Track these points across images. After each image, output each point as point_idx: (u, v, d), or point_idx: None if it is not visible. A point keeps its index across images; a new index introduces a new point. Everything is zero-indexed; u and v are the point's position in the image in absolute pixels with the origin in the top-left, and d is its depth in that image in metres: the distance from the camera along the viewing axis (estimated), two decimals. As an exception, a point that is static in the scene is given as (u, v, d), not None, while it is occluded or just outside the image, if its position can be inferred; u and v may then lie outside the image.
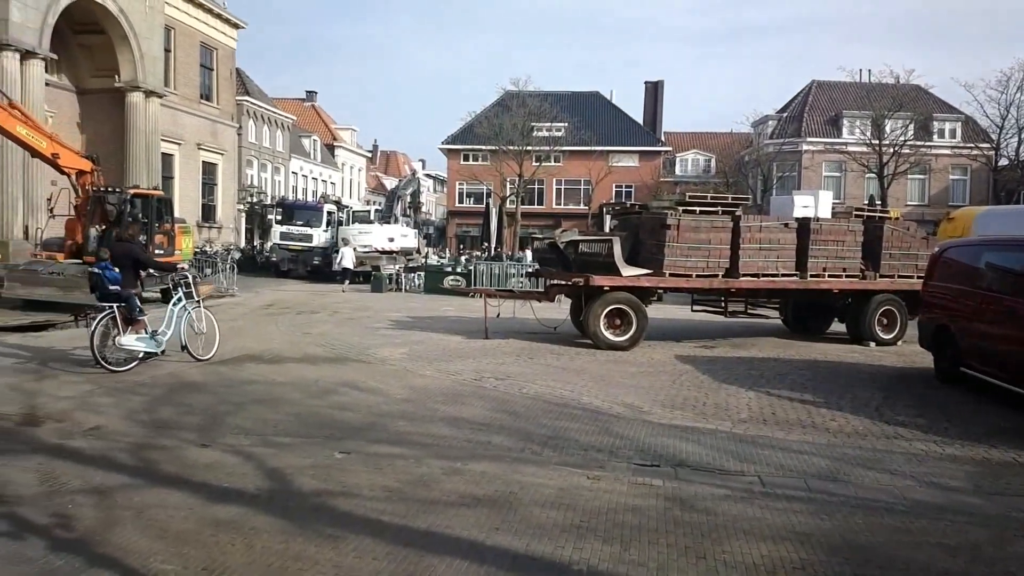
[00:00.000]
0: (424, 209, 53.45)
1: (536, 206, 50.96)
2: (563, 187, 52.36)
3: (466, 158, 52.93)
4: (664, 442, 6.75)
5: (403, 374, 9.83)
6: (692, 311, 15.57)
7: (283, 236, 31.14)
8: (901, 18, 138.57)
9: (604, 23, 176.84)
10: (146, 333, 9.58)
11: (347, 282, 25.68)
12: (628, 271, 12.42)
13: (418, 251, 34.67)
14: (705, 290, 13.73)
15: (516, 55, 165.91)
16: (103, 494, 4.96)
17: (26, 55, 20.10)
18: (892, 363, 11.77)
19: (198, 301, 10.44)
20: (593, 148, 46.34)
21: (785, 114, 47.41)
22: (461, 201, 55.09)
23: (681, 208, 12.63)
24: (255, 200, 42.29)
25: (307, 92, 64.17)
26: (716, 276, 12.63)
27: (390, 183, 70.84)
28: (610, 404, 8.23)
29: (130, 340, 9.26)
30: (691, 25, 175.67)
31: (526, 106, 41.67)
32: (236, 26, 33.80)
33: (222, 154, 33.62)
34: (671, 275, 12.43)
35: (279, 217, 32.33)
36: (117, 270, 9.60)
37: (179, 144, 29.85)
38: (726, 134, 52.51)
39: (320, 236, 31.10)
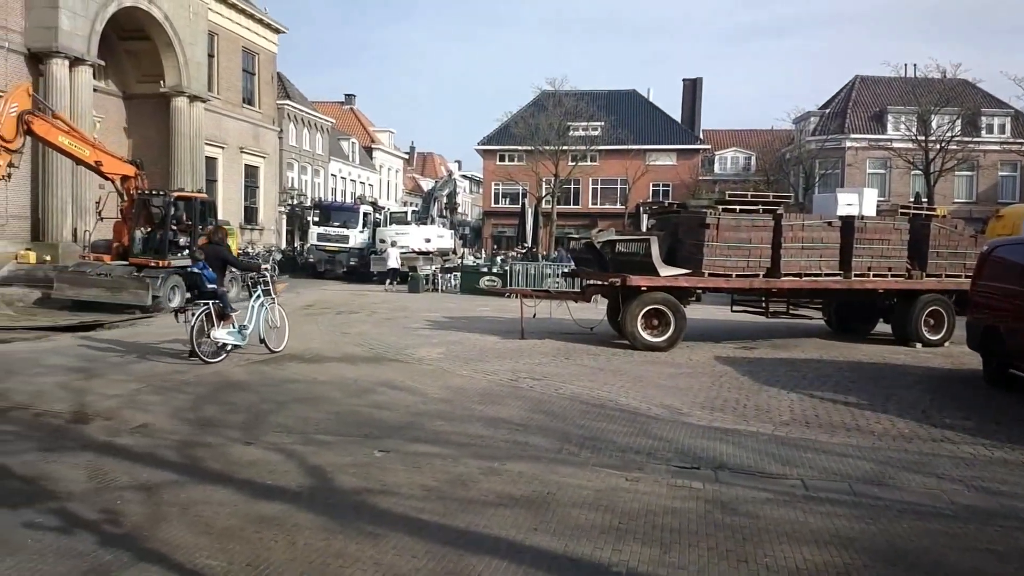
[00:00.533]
0: (460, 210, 53.64)
1: (572, 206, 50.81)
2: (599, 186, 52.11)
3: (502, 158, 53.00)
4: (704, 444, 6.68)
5: (440, 374, 9.89)
6: (732, 311, 15.39)
7: (320, 237, 31.41)
8: (948, 10, 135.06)
9: (641, 21, 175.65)
10: (234, 327, 10.46)
11: (389, 282, 26.00)
12: (666, 271, 12.32)
13: (454, 252, 34.79)
14: (745, 290, 13.55)
15: (553, 55, 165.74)
16: (150, 490, 5.09)
17: (75, 62, 20.71)
18: (939, 365, 11.48)
19: (274, 298, 11.23)
20: (630, 147, 46.00)
21: (828, 110, 46.49)
22: (497, 201, 55.19)
23: (721, 207, 12.48)
24: (295, 202, 42.91)
25: (346, 95, 64.93)
26: (757, 276, 12.45)
27: (427, 184, 71.29)
28: (648, 405, 8.17)
29: (221, 334, 10.15)
30: (731, 21, 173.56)
31: (562, 105, 41.48)
32: (277, 31, 34.35)
33: (264, 157, 34.19)
34: (710, 275, 12.29)
35: (316, 218, 32.61)
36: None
37: (222, 148, 30.45)
38: (766, 131, 51.66)
39: (356, 237, 31.35)
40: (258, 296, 10.95)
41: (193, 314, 10.11)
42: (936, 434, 7.14)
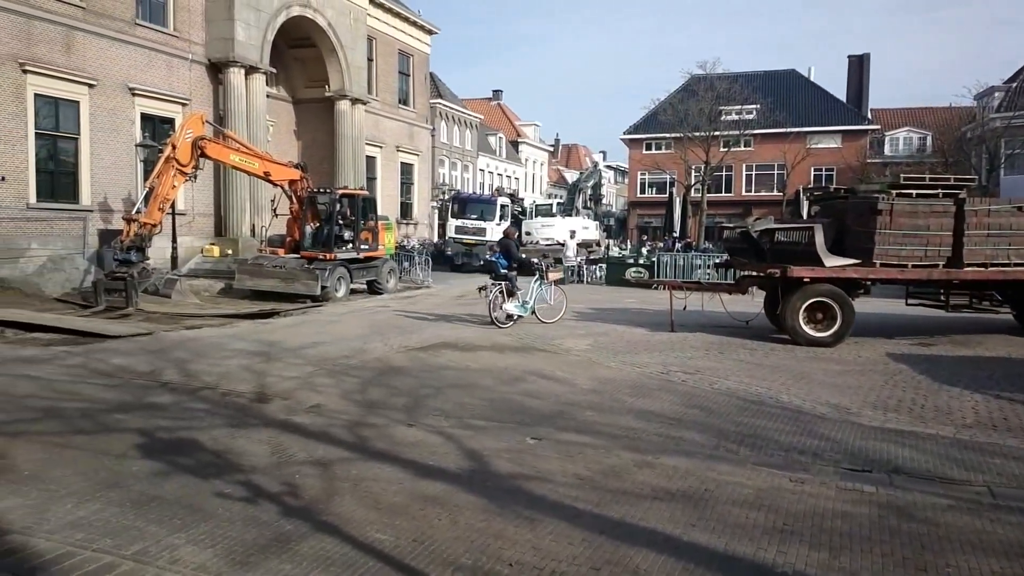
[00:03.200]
0: (605, 201, 53.27)
1: (724, 194, 49.08)
2: (754, 172, 49.94)
3: (648, 147, 52.08)
4: (876, 446, 6.24)
5: (588, 365, 9.89)
6: (906, 305, 14.20)
7: (457, 230, 30.86)
8: None
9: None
10: (519, 301, 13.59)
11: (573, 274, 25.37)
12: (832, 261, 11.58)
13: (598, 243, 34.54)
14: (922, 281, 12.47)
15: (705, 40, 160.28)
16: (324, 466, 5.46)
17: (250, 70, 22.53)
18: None
19: (550, 282, 14.43)
20: (789, 130, 43.66)
21: (1015, 84, 41.76)
22: (643, 191, 54.36)
23: (895, 191, 11.53)
24: (446, 197, 44.38)
25: (493, 91, 66.42)
26: (936, 266, 11.43)
27: (571, 176, 71.37)
28: (812, 404, 7.73)
29: (510, 306, 13.49)
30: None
31: (714, 89, 40.01)
32: (430, 32, 35.62)
33: (418, 155, 35.63)
34: (882, 265, 11.43)
35: (454, 210, 32.11)
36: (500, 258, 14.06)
37: (380, 147, 32.04)
38: (944, 109, 47.21)
39: (494, 230, 29.97)
40: (537, 279, 14.12)
41: (490, 291, 13.47)
42: None
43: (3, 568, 3.72)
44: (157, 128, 20.67)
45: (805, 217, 14.24)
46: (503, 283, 13.50)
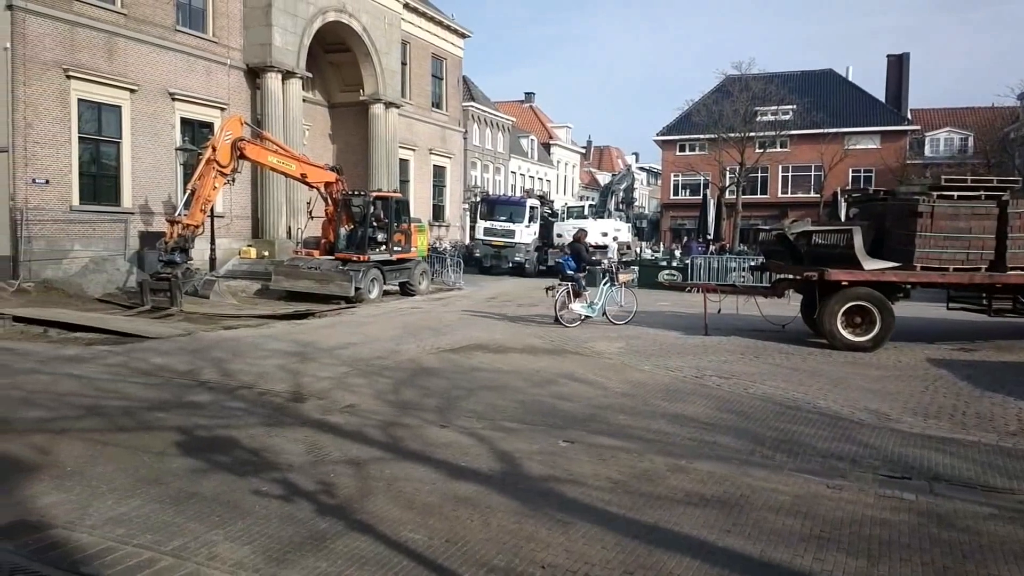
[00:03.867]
0: (637, 203, 52.90)
1: (759, 195, 48.44)
2: (790, 174, 49.23)
3: (682, 148, 51.66)
4: (915, 453, 6.12)
5: (621, 368, 9.83)
6: (947, 309, 13.88)
7: (486, 232, 29.91)
8: None
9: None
10: (586, 302, 14.02)
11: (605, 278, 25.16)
12: (871, 264, 11.38)
13: (629, 246, 34.25)
14: (964, 285, 12.17)
15: (737, 38, 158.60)
16: (359, 465, 5.51)
17: (286, 75, 22.85)
18: None
19: (620, 284, 14.85)
20: (826, 131, 42.94)
21: (1063, 82, 40.61)
22: (676, 193, 53.92)
23: (936, 193, 11.29)
24: (476, 200, 44.44)
25: (525, 94, 66.54)
26: (978, 270, 11.18)
27: (603, 178, 71.08)
28: (851, 409, 7.60)
29: (577, 306, 13.93)
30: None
31: (749, 89, 39.50)
32: (463, 35, 35.79)
33: (450, 157, 35.80)
34: (923, 268, 11.20)
35: (482, 212, 31.32)
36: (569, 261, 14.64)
37: (413, 150, 32.26)
38: (986, 109, 46.14)
39: (523, 232, 29.67)
40: (607, 281, 14.55)
41: (557, 292, 14.02)
42: None
43: (48, 562, 3.82)
44: (196, 132, 21.09)
45: (843, 219, 14.00)
46: (570, 284, 14.03)
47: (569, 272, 14.31)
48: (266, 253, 21.69)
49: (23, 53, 16.55)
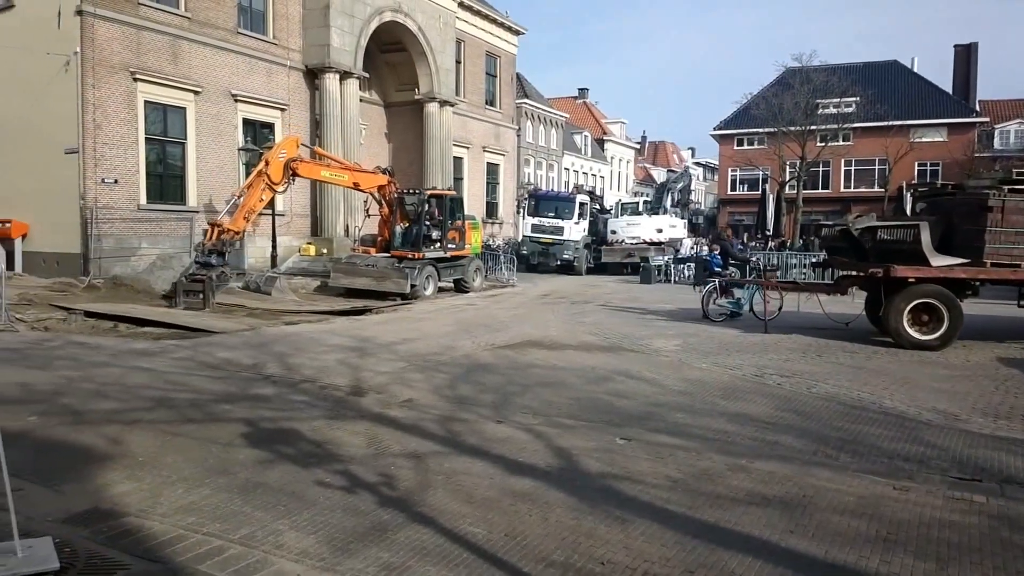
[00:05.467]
0: (693, 199, 52.06)
1: (820, 190, 47.18)
2: (853, 168, 47.79)
3: (740, 143, 50.70)
4: (986, 454, 5.91)
5: (678, 366, 9.73)
6: (1018, 307, 13.31)
7: (534, 228, 29.26)
8: None
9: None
10: (733, 299, 14.53)
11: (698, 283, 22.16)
12: (938, 260, 10.99)
13: (682, 242, 33.69)
14: (1038, 282, 11.68)
15: (795, 33, 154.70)
16: (418, 459, 5.60)
17: (344, 75, 23.26)
18: None
19: (765, 284, 14.60)
20: (890, 123, 41.54)
21: None
22: (733, 188, 52.92)
23: (1006, 187, 10.85)
24: (525, 196, 44.26)
25: (579, 90, 66.03)
26: (1052, 266, 10.68)
27: (657, 174, 70.31)
28: (917, 409, 7.37)
29: (723, 302, 14.50)
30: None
31: (810, 82, 38.42)
32: (517, 32, 35.82)
33: (503, 155, 35.90)
34: (992, 265, 10.77)
35: (530, 208, 30.42)
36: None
37: (467, 148, 32.47)
38: (1061, 98, 44.00)
39: (571, 229, 28.83)
40: (752, 279, 15.25)
41: (705, 288, 14.89)
42: None
43: (122, 548, 3.99)
44: (258, 132, 21.67)
45: (909, 214, 13.56)
46: (716, 281, 14.87)
47: (716, 269, 15.37)
48: (324, 251, 22.13)
49: (92, 57, 17.26)
